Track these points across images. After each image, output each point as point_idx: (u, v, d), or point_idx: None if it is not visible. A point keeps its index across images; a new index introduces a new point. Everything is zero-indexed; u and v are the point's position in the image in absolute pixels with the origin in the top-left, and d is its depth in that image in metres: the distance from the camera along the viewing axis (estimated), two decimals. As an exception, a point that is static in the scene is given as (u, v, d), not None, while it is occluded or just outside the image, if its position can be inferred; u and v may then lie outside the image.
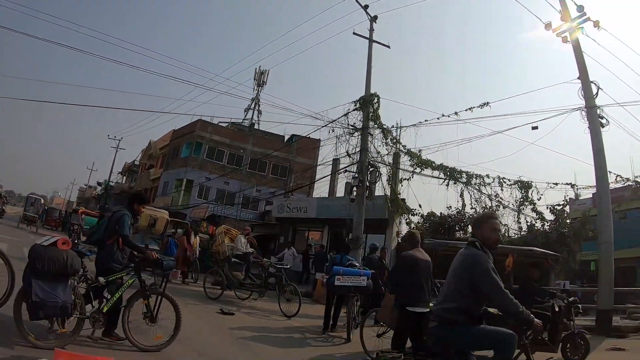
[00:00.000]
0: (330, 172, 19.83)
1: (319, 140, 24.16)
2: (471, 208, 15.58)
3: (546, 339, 6.74)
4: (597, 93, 13.51)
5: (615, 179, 14.88)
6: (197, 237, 16.37)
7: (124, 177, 64.76)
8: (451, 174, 15.68)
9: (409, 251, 5.92)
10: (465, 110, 14.81)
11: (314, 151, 30.37)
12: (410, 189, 15.65)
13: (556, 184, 15.75)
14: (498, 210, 15.50)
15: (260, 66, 44.61)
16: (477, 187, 15.59)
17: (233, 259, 11.61)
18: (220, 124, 39.54)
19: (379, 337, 6.99)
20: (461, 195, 15.57)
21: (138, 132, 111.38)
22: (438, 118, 15.24)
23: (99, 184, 67.52)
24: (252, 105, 43.98)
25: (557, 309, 7.18)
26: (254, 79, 44.42)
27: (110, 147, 54.97)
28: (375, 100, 16.62)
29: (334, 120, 16.94)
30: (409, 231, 6.73)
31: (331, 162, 20.23)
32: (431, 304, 6.20)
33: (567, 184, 15.83)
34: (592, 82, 13.52)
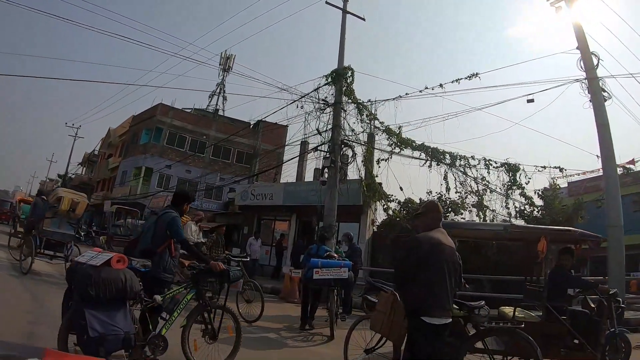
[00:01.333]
0: (298, 154, 17.64)
1: (286, 127, 22.27)
2: (456, 192, 13.78)
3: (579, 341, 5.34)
4: (597, 65, 12.11)
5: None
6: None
7: (84, 168, 60.94)
8: (433, 155, 13.84)
9: (427, 232, 3.76)
10: (452, 82, 12.98)
11: (281, 138, 28.18)
12: (389, 171, 13.67)
13: (544, 167, 14.19)
14: (485, 195, 13.80)
15: (226, 50, 42.03)
16: (462, 170, 13.82)
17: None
18: (184, 110, 36.98)
19: (368, 353, 4.97)
20: (445, 178, 13.77)
21: (98, 119, 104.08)
22: (420, 91, 13.38)
23: (59, 176, 63.33)
24: (217, 91, 41.38)
25: (592, 305, 5.77)
26: (220, 64, 41.78)
27: (69, 136, 51.33)
28: (349, 74, 14.63)
29: (304, 96, 14.87)
30: (429, 201, 4.52)
31: (299, 144, 18.26)
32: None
33: (555, 167, 14.28)
34: (592, 53, 12.10)
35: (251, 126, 34.09)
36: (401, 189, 13.53)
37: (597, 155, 13.29)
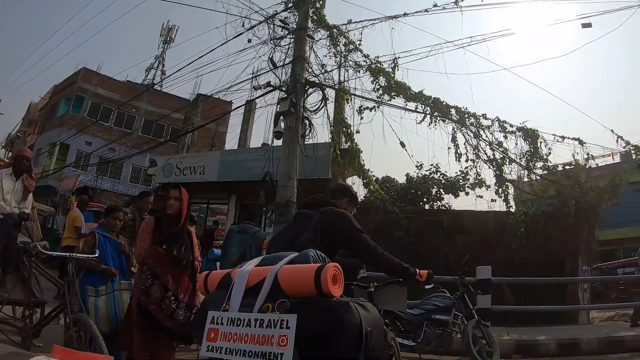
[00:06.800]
0: (243, 103, 12.24)
1: (230, 103, 17.16)
2: (467, 160, 9.14)
3: None
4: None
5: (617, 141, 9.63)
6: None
7: (7, 152, 52.35)
8: (435, 107, 9.16)
9: None
10: (473, -6, 8.44)
11: (225, 118, 22.78)
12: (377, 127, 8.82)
13: (563, 137, 9.90)
14: (504, 165, 9.31)
15: (168, 20, 36.18)
16: (474, 130, 9.25)
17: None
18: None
19: None
20: (453, 140, 9.10)
21: (20, 89, 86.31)
22: (427, 10, 8.68)
23: (-21, 161, 53.99)
24: (156, 65, 35.24)
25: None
26: (160, 35, 35.78)
27: (-16, 113, 43.08)
28: (320, -5, 9.72)
29: (253, 26, 9.73)
30: None
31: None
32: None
33: (575, 138, 10.01)
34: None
35: (191, 100, 28.46)
36: (402, 144, 8.69)
37: (618, 136, 9.50)
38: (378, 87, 9.00)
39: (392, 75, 8.91)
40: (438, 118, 9.07)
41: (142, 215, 6.06)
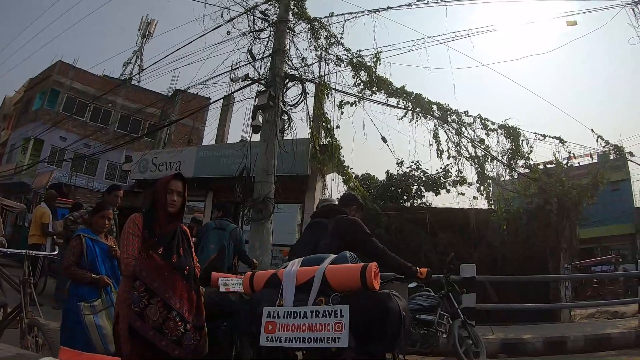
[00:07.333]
0: (221, 97, 11.92)
1: (209, 99, 16.81)
2: (449, 157, 8.99)
3: None
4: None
5: (597, 141, 9.54)
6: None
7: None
8: (417, 103, 8.99)
9: None
10: (457, -12, 8.24)
11: (202, 113, 22.17)
12: (357, 123, 8.62)
13: (544, 135, 9.88)
14: (486, 163, 9.19)
15: (147, 14, 35.48)
16: (455, 127, 9.10)
17: None
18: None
19: None
20: (435, 137, 8.94)
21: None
22: (410, 4, 8.49)
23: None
24: (134, 59, 34.39)
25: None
26: (139, 29, 35.01)
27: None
28: (301, -14, 9.48)
29: (233, 18, 9.44)
30: None
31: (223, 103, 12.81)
32: None
33: (555, 137, 9.98)
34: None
35: (169, 95, 27.80)
36: (384, 140, 8.50)
37: (598, 136, 9.40)
38: (359, 81, 8.81)
39: (374, 70, 8.72)
40: (420, 114, 8.91)
41: (111, 210, 5.68)
